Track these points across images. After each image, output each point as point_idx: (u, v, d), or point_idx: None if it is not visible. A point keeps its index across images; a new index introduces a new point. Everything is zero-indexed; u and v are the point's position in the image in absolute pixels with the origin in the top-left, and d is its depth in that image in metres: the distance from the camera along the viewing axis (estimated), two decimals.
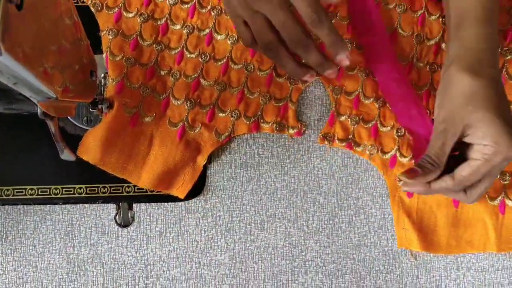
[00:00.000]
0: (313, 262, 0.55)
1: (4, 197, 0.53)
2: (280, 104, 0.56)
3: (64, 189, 0.54)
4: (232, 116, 0.55)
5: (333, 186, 0.56)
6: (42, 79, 0.34)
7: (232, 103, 0.56)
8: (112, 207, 0.55)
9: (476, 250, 0.55)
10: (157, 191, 0.54)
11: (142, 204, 0.55)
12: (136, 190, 0.55)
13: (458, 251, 0.55)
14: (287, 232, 0.56)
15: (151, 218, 0.55)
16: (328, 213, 0.56)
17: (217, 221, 0.55)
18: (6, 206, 0.54)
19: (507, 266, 0.56)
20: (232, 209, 0.56)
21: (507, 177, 0.56)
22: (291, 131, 0.56)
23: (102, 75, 0.54)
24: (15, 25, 0.30)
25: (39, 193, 0.54)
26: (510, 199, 0.56)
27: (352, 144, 0.56)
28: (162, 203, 0.55)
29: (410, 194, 0.56)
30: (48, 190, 0.54)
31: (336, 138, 0.56)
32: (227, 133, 0.55)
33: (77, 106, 0.50)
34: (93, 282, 0.54)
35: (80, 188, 0.54)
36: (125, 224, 0.55)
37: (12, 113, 0.49)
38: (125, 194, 0.55)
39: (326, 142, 0.56)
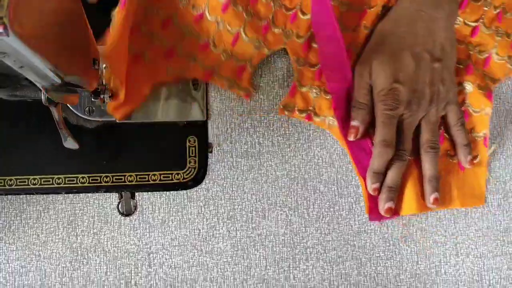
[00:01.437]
0: (314, 249, 0.56)
1: (7, 187, 0.54)
2: (239, 64, 0.57)
3: (66, 179, 0.54)
4: (189, 61, 0.56)
5: (333, 174, 0.57)
6: (47, 61, 0.34)
7: (195, 49, 0.56)
8: (114, 196, 0.55)
9: (442, 206, 0.57)
10: (159, 180, 0.55)
11: (145, 193, 0.56)
12: (138, 179, 0.55)
13: (428, 209, 0.56)
14: (288, 220, 0.56)
15: (153, 207, 0.56)
16: (329, 201, 0.57)
17: (218, 209, 0.56)
18: (9, 196, 0.55)
19: (506, 252, 0.57)
20: (233, 197, 0.56)
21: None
22: (241, 92, 0.57)
23: (104, 65, 0.54)
24: (22, 5, 0.30)
25: (42, 182, 0.54)
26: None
27: (312, 115, 0.57)
28: (164, 192, 0.56)
29: None
30: (50, 179, 0.54)
31: (296, 109, 0.57)
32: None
33: (80, 96, 0.50)
34: (96, 271, 0.55)
35: (82, 177, 0.55)
36: (127, 213, 0.55)
37: (14, 102, 0.50)
38: (127, 183, 0.55)
39: (286, 113, 0.57)
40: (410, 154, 0.56)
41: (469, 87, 0.59)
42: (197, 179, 0.56)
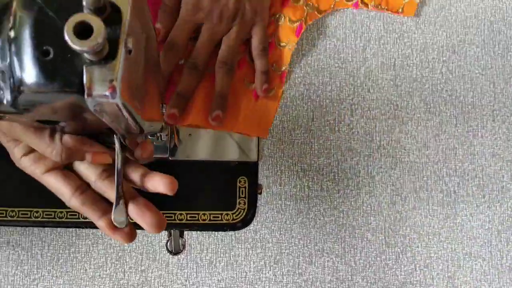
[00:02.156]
0: None
1: (57, 219, 0.54)
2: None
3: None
4: None
5: (381, 223, 0.57)
6: (137, 115, 0.34)
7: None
8: (163, 234, 0.55)
9: (224, 128, 0.56)
10: (209, 219, 0.55)
11: (193, 232, 0.55)
12: (188, 218, 0.55)
13: (211, 125, 0.55)
14: (334, 267, 0.56)
15: (202, 247, 0.56)
16: (376, 250, 0.57)
17: (266, 252, 0.56)
18: (59, 229, 0.54)
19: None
20: (281, 241, 0.56)
21: None
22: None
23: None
24: (126, 69, 0.30)
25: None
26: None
27: None
28: (213, 232, 0.56)
29: None
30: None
31: None
32: None
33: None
34: None
35: None
36: (176, 252, 0.55)
37: None
38: (177, 221, 0.55)
39: None
40: (207, 68, 0.55)
41: (282, 20, 0.59)
42: (246, 221, 0.56)
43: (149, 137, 0.54)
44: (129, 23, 0.30)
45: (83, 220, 0.54)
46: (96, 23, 0.26)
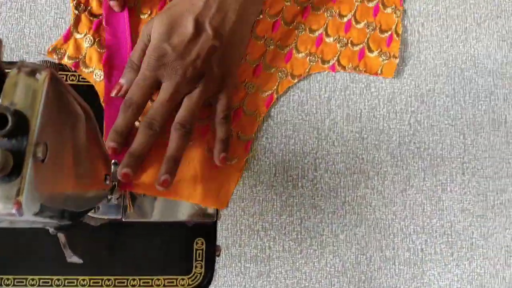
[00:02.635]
0: None
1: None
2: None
3: (66, 280, 0.52)
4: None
5: (345, 284, 0.55)
6: (62, 210, 0.32)
7: None
8: None
9: (178, 196, 0.53)
10: (163, 285, 0.52)
11: None
12: (141, 284, 0.52)
13: (158, 192, 0.52)
14: None
15: None
16: None
17: None
18: None
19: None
20: None
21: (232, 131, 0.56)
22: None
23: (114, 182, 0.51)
24: (42, 178, 0.28)
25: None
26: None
27: (80, 64, 0.55)
28: None
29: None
30: (49, 281, 0.52)
31: (66, 55, 0.56)
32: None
33: None
34: None
35: (83, 279, 0.52)
36: None
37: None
38: (129, 287, 0.52)
39: (54, 56, 0.55)
40: (164, 129, 0.51)
41: (252, 88, 0.57)
42: (203, 286, 0.53)
43: (90, 214, 0.51)
44: (39, 130, 0.27)
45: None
46: None
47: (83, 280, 0.52)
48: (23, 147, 0.26)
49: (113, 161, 0.52)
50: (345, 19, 0.60)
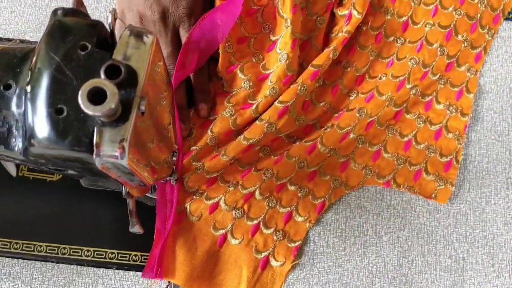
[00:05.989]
0: None
1: (60, 255, 0.53)
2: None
3: (119, 254, 0.54)
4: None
5: (386, 285, 0.56)
6: (145, 173, 0.34)
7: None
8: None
9: None
10: None
11: None
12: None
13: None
14: None
15: None
16: None
17: None
18: (60, 265, 0.54)
19: None
20: None
21: (280, 234, 0.55)
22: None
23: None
24: (138, 130, 0.31)
25: (95, 255, 0.54)
26: (275, 258, 0.55)
27: None
28: None
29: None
30: (104, 253, 0.54)
31: None
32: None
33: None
34: None
35: (135, 255, 0.54)
36: None
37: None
38: None
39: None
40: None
41: (303, 192, 0.57)
42: None
43: (147, 195, 0.54)
44: (144, 85, 0.30)
45: (85, 258, 0.54)
46: (110, 89, 0.27)
47: (135, 255, 0.54)
48: (131, 98, 0.29)
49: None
50: (406, 139, 0.59)
